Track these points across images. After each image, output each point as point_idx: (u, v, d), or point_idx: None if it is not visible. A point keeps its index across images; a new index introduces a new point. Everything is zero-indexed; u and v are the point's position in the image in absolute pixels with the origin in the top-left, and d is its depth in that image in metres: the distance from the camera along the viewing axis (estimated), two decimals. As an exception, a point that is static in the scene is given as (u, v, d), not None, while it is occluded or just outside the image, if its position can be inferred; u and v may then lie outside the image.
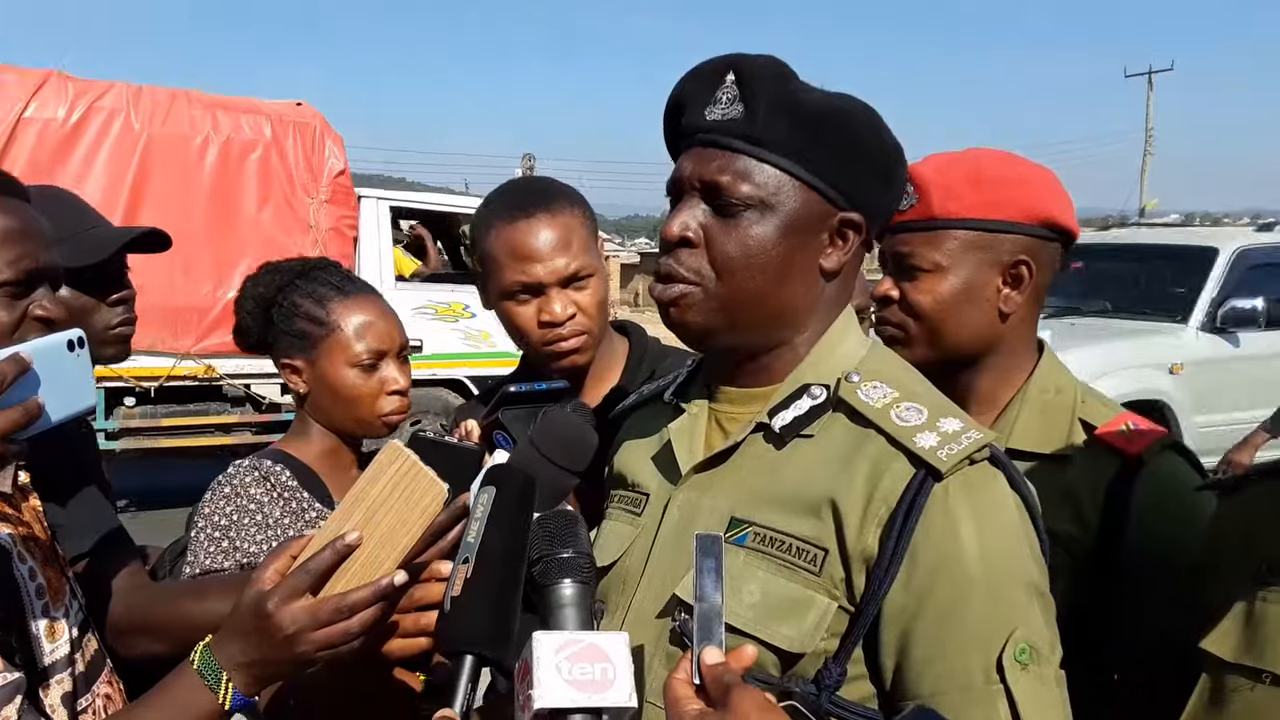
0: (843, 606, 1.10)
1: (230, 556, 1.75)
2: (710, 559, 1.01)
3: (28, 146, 7.57)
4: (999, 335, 1.62)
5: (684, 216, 1.19)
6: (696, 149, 1.20)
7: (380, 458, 1.17)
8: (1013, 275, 1.59)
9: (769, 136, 1.15)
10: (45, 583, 1.32)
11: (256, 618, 1.11)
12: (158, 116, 8.02)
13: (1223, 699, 1.20)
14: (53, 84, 7.74)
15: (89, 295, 1.89)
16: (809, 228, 1.18)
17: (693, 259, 1.19)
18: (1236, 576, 1.24)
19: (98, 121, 7.81)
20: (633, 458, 1.37)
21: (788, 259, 1.18)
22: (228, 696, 1.12)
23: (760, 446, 1.21)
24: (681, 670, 0.98)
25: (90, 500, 1.84)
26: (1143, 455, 1.50)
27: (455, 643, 1.00)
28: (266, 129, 8.33)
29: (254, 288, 1.95)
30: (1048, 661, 1.07)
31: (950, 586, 1.07)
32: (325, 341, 1.89)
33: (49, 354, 1.10)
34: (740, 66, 1.17)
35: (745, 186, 1.16)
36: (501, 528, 1.06)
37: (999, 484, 1.12)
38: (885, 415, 1.15)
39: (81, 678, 1.34)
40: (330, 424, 1.95)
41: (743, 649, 0.98)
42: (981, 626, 1.06)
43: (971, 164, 1.61)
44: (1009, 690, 1.04)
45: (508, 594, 1.03)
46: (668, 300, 1.21)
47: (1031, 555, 1.11)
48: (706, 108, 1.19)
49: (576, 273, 1.75)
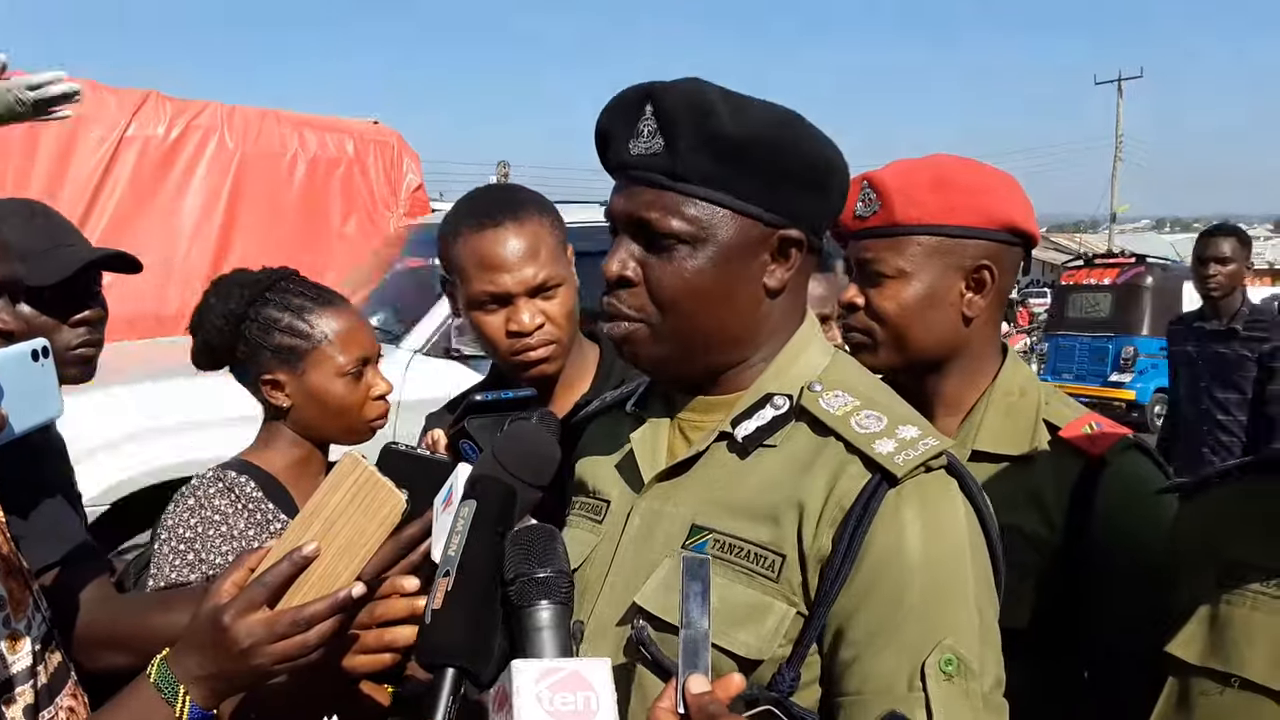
0: (800, 611, 1.10)
1: (195, 569, 1.73)
2: (697, 582, 0.99)
3: (129, 164, 7.89)
4: (963, 339, 1.63)
5: (620, 254, 1.19)
6: (625, 184, 1.20)
7: (338, 468, 1.17)
8: (975, 280, 1.61)
9: (692, 171, 1.14)
10: (7, 594, 1.30)
11: (213, 630, 1.11)
12: (250, 135, 8.33)
13: (1190, 703, 1.20)
14: (151, 103, 8.03)
15: (49, 315, 1.85)
16: (746, 253, 1.18)
17: (634, 297, 1.19)
18: (1199, 579, 1.25)
19: (194, 140, 8.15)
20: (595, 466, 1.37)
21: (728, 286, 1.18)
22: (185, 710, 1.11)
23: (723, 455, 1.21)
24: (666, 699, 0.95)
25: (55, 511, 1.82)
26: (1105, 455, 1.52)
27: (436, 655, 1.00)
28: (349, 146, 8.71)
29: (221, 304, 1.88)
30: (976, 678, 1.04)
31: (887, 589, 1.06)
32: (312, 354, 1.87)
33: (12, 364, 1.10)
34: (657, 98, 1.15)
35: (675, 222, 1.15)
36: (483, 540, 1.05)
37: (952, 492, 1.12)
38: (845, 423, 1.15)
39: (44, 690, 1.32)
40: (312, 434, 1.93)
41: (730, 678, 0.96)
42: (911, 631, 1.05)
43: (933, 170, 1.63)
44: (928, 699, 1.02)
45: (489, 607, 1.03)
46: (617, 338, 1.22)
47: (973, 568, 1.10)
48: (629, 141, 1.18)
49: (544, 282, 1.75)
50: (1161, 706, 1.24)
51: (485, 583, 1.03)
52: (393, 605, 1.24)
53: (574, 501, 1.39)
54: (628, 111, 1.18)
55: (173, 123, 8.04)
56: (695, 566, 1.00)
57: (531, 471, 1.27)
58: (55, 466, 1.92)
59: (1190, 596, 1.25)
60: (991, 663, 1.08)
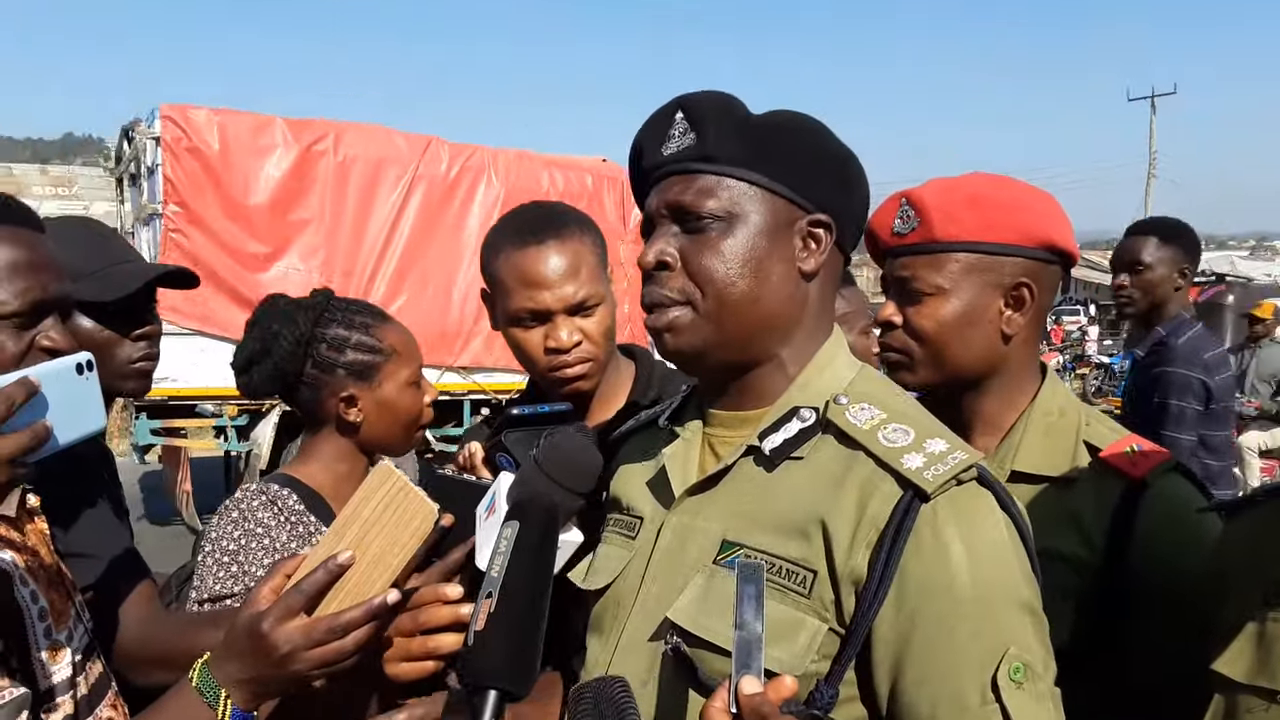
0: (833, 628, 1.10)
1: (239, 581, 1.75)
2: (751, 585, 1.01)
3: (418, 199, 9.41)
4: (1002, 357, 1.62)
5: (658, 244, 1.23)
6: (659, 183, 1.26)
7: (371, 479, 1.19)
8: (1014, 298, 1.60)
9: (722, 153, 1.20)
10: (49, 605, 1.32)
11: (252, 637, 1.14)
12: (511, 174, 9.84)
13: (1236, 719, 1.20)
14: (434, 147, 9.58)
15: (113, 330, 1.92)
16: (778, 232, 1.22)
17: (675, 280, 1.22)
18: (1245, 597, 1.24)
19: (468, 179, 9.67)
20: (628, 482, 1.38)
21: (764, 263, 1.21)
22: (227, 713, 1.15)
23: (751, 469, 1.22)
24: (719, 699, 0.97)
25: (102, 524, 1.84)
26: (1147, 478, 1.51)
27: (479, 678, 1.00)
28: (589, 181, 10.21)
29: (288, 329, 1.89)
30: (1041, 679, 1.08)
31: (941, 607, 1.07)
32: (385, 367, 1.91)
33: (58, 377, 1.12)
34: (687, 102, 1.23)
35: (710, 202, 1.20)
36: (525, 562, 1.06)
37: (987, 504, 1.12)
38: (873, 437, 1.16)
39: (84, 701, 1.34)
40: (376, 446, 1.96)
41: (781, 680, 0.98)
42: (975, 646, 1.06)
43: (971, 188, 1.62)
44: (1005, 709, 1.04)
45: (531, 629, 1.03)
46: (662, 327, 1.23)
47: (1022, 573, 1.11)
48: (662, 145, 1.25)
49: (584, 301, 1.75)
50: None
51: (527, 604, 1.04)
52: (436, 613, 1.26)
53: (608, 519, 1.40)
54: (661, 121, 1.26)
55: (451, 163, 9.65)
56: (750, 571, 1.02)
57: (575, 478, 1.28)
58: (102, 480, 1.95)
59: (1237, 614, 1.23)
60: (1050, 659, 1.10)
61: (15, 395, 1.05)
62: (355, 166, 9.14)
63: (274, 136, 8.85)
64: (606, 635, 1.27)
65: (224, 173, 8.58)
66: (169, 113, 8.47)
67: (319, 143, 9.03)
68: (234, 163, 8.62)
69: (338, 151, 9.09)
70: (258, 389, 1.93)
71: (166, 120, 8.43)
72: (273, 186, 8.78)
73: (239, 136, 8.67)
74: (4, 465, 1.04)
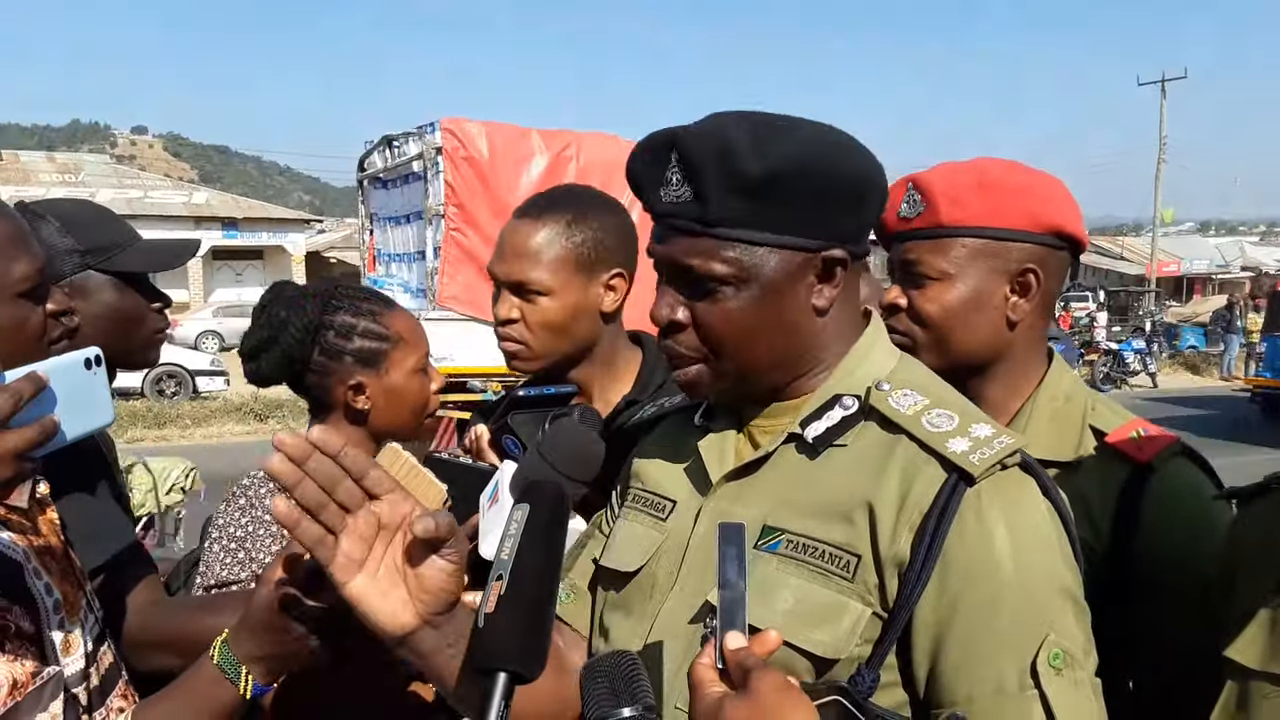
0: (876, 612, 1.11)
1: (246, 567, 1.76)
2: (732, 547, 1.04)
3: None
4: (1007, 343, 1.62)
5: (668, 299, 1.22)
6: (663, 231, 1.21)
7: (380, 459, 1.20)
8: (1020, 283, 1.59)
9: (723, 215, 1.14)
10: (61, 597, 1.33)
11: (270, 615, 1.17)
12: None
13: (1249, 706, 1.19)
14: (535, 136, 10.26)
15: (144, 298, 2.01)
16: (791, 283, 1.18)
17: (689, 338, 1.21)
18: (1258, 584, 1.23)
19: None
20: (658, 468, 1.37)
21: (776, 318, 1.19)
22: (249, 688, 1.19)
23: (792, 456, 1.22)
24: (706, 655, 1.01)
25: (104, 515, 1.85)
26: (1153, 462, 1.50)
27: (489, 660, 1.00)
28: None
29: (296, 316, 1.90)
30: (1082, 666, 1.07)
31: (983, 591, 1.07)
32: (393, 354, 1.92)
33: (66, 372, 1.11)
34: (681, 146, 1.15)
35: (716, 266, 1.16)
36: (535, 545, 1.06)
37: (1031, 489, 1.13)
38: (916, 421, 1.16)
39: (96, 691, 1.35)
40: (385, 433, 1.96)
41: (765, 634, 1.00)
42: (1015, 631, 1.06)
43: (978, 172, 1.61)
44: (1044, 695, 1.04)
45: (541, 612, 1.04)
46: (683, 382, 1.25)
47: (1064, 560, 1.11)
48: (660, 189, 1.18)
49: (524, 284, 1.78)
50: (1220, 710, 1.23)
51: (537, 587, 1.04)
52: None
53: (630, 494, 1.38)
54: (654, 157, 1.19)
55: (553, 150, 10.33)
56: (731, 532, 1.05)
57: (576, 468, 1.29)
58: (103, 471, 1.96)
59: (1250, 600, 1.23)
60: (1091, 646, 1.10)
61: (23, 390, 1.05)
62: (593, 170, 9.76)
63: (531, 146, 10.12)
64: (638, 617, 1.27)
65: (491, 177, 9.85)
66: (449, 125, 9.75)
67: (566, 150, 10.22)
68: (499, 169, 9.90)
69: (580, 158, 10.23)
70: (266, 376, 1.94)
71: (447, 132, 9.72)
72: (530, 189, 9.54)
73: (503, 146, 9.97)
74: (12, 460, 1.04)
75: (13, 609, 1.22)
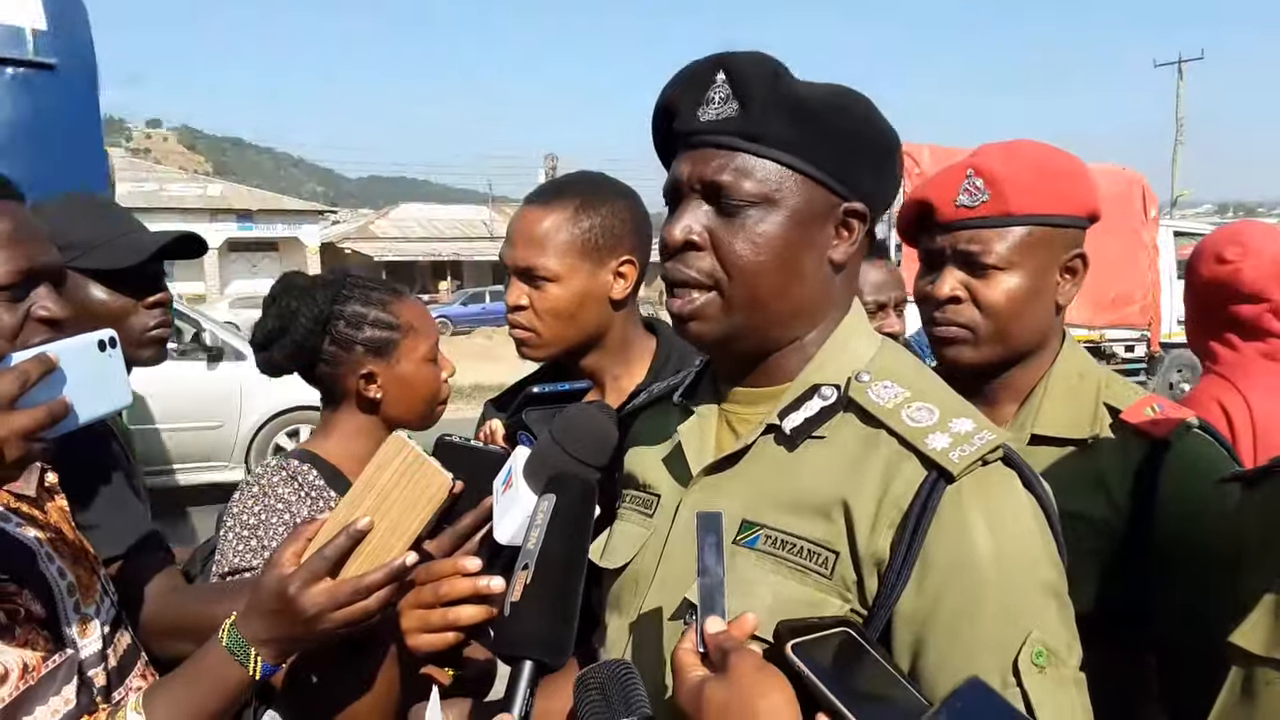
0: (855, 609, 1.09)
1: (259, 555, 1.76)
2: (711, 534, 1.04)
3: None
4: (1052, 328, 1.62)
5: (686, 220, 1.16)
6: (693, 151, 1.17)
7: (385, 448, 1.23)
8: (1069, 268, 1.59)
9: (768, 132, 1.13)
10: (75, 580, 1.33)
11: (280, 600, 1.20)
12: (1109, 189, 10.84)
13: (1254, 692, 1.18)
14: None
15: (126, 296, 1.94)
16: (815, 221, 1.16)
17: (701, 261, 1.16)
18: (1263, 569, 1.22)
19: None
20: (644, 458, 1.36)
21: (797, 254, 1.16)
22: (257, 669, 1.22)
23: (771, 448, 1.19)
24: (687, 640, 1.01)
25: (120, 501, 1.86)
26: (1169, 438, 1.50)
27: (515, 647, 1.01)
28: (1121, 184, 11.93)
29: (306, 306, 1.89)
30: (1065, 663, 1.05)
31: (964, 590, 1.05)
32: (403, 343, 1.92)
33: (77, 353, 1.11)
34: (730, 65, 1.14)
35: (748, 184, 1.13)
36: (561, 535, 1.06)
37: (1013, 485, 1.10)
38: (896, 415, 1.13)
39: (114, 672, 1.36)
40: (396, 422, 1.97)
41: (744, 617, 1.00)
42: (997, 629, 1.04)
43: (1033, 158, 1.59)
44: (1025, 693, 1.02)
45: (567, 600, 1.04)
46: (686, 314, 1.18)
47: (1046, 556, 1.09)
48: (699, 109, 1.16)
49: (530, 269, 1.78)
50: (1225, 696, 1.21)
51: (563, 577, 1.04)
52: (456, 584, 1.28)
53: (624, 494, 1.38)
54: (699, 79, 1.16)
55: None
56: (710, 520, 1.05)
57: (589, 451, 1.28)
58: (120, 456, 1.97)
59: (1255, 586, 1.22)
60: (1074, 643, 1.08)
61: (31, 371, 1.05)
62: None
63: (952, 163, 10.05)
64: (626, 613, 1.27)
65: None
66: (909, 150, 9.88)
67: None
68: None
69: None
70: (277, 366, 1.93)
71: (907, 154, 9.95)
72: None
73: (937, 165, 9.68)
74: (18, 440, 1.03)
75: (23, 593, 1.23)
